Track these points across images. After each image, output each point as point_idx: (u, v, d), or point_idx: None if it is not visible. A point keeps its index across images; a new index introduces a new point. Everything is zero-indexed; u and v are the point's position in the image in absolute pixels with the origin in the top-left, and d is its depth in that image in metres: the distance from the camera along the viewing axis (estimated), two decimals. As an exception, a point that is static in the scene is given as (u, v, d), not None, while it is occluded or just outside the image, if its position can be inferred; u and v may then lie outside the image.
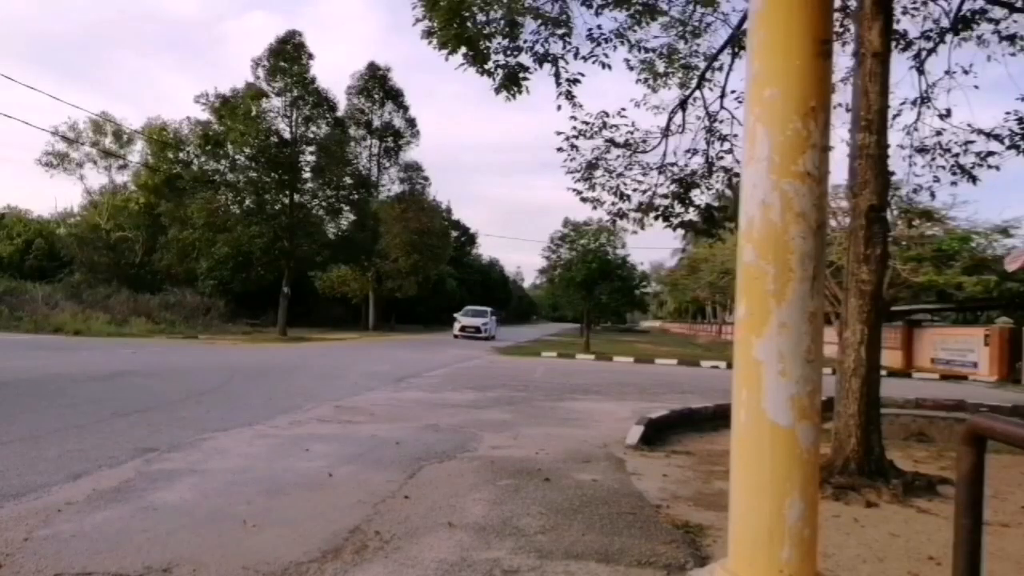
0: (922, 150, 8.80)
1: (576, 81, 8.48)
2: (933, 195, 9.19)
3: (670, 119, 9.61)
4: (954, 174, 8.64)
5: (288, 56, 29.38)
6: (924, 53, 8.34)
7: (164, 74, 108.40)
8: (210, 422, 6.91)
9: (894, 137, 7.32)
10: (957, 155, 8.58)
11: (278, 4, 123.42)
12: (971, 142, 8.48)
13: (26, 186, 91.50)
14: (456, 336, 32.67)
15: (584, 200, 9.64)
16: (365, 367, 14.74)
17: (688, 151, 9.70)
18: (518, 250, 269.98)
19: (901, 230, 22.37)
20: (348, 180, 32.46)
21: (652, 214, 9.71)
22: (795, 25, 1.94)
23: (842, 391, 5.12)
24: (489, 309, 37.21)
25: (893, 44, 6.70)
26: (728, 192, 10.08)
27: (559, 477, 5.10)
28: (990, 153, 8.33)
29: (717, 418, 7.87)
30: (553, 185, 63.75)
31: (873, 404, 5.10)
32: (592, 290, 26.85)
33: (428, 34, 7.84)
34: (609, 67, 8.58)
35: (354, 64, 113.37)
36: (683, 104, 9.55)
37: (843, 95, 8.57)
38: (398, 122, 41.60)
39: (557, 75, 8.40)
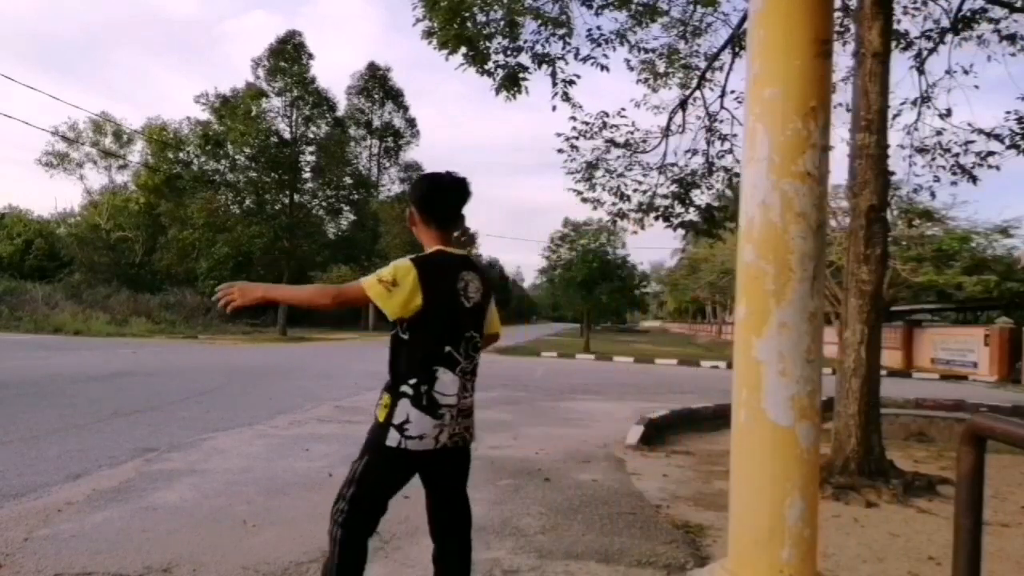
0: (922, 150, 8.80)
1: (571, 82, 8.47)
2: (933, 195, 9.19)
3: (670, 119, 9.61)
4: (954, 174, 8.63)
5: (288, 56, 29.45)
6: (924, 53, 8.34)
7: (164, 74, 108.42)
8: (210, 422, 6.91)
9: (894, 137, 7.33)
10: (957, 155, 8.57)
11: (278, 4, 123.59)
12: (971, 142, 8.47)
13: (26, 186, 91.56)
14: None
15: (584, 200, 9.64)
16: (365, 367, 14.72)
17: (688, 151, 9.71)
18: (518, 250, 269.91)
19: (901, 230, 22.39)
20: (348, 180, 32.52)
21: (652, 214, 9.71)
22: (795, 25, 1.93)
23: (842, 391, 5.12)
24: None
25: (893, 44, 6.70)
26: (728, 192, 10.07)
27: (559, 477, 5.10)
28: (990, 153, 8.32)
29: (717, 418, 7.86)
30: (553, 185, 63.60)
31: (873, 404, 5.10)
32: (592, 290, 26.82)
33: (428, 34, 7.84)
34: (607, 69, 8.57)
35: (354, 64, 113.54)
36: (683, 104, 9.55)
37: (843, 95, 8.57)
38: (398, 122, 41.71)
39: (553, 76, 8.39)
